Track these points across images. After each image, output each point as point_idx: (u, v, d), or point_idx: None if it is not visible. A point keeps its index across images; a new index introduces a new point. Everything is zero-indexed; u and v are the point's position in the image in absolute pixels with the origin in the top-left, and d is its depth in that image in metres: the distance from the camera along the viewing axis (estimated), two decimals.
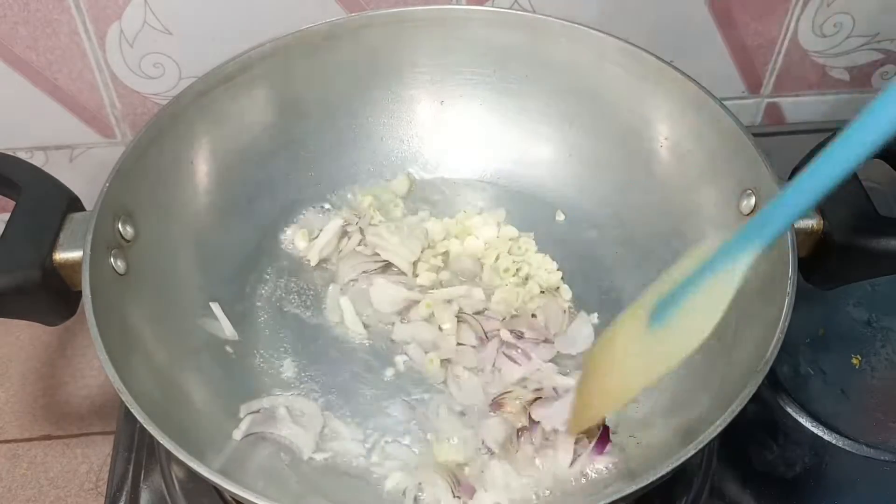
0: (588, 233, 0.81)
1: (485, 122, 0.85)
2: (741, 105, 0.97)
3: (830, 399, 0.75)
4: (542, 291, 0.76)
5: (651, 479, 0.53)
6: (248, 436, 0.66)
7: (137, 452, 0.72)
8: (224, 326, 0.72)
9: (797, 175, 0.47)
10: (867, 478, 0.71)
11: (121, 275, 0.65)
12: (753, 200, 0.69)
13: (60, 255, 0.63)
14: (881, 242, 0.64)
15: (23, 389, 0.86)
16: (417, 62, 0.83)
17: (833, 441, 0.72)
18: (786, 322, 0.58)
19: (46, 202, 0.66)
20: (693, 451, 0.54)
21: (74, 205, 0.67)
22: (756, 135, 0.70)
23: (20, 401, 0.85)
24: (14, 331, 0.90)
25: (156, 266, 0.69)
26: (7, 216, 0.65)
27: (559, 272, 0.77)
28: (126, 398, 0.55)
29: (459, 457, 0.65)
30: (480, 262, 0.78)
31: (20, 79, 0.84)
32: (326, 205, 0.83)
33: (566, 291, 0.76)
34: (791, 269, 0.61)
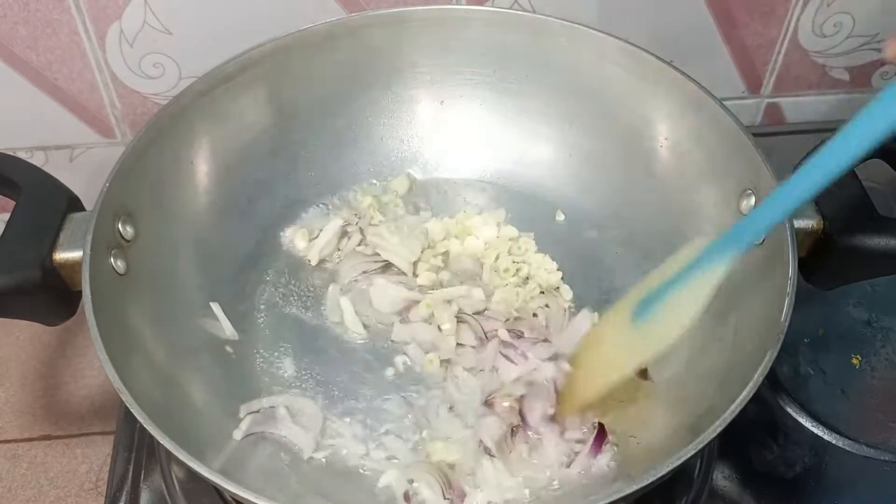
0: (588, 233, 0.81)
1: (485, 122, 0.85)
2: (741, 105, 0.97)
3: (830, 399, 0.75)
4: (542, 291, 0.76)
5: (651, 479, 0.53)
6: (249, 436, 0.66)
7: (137, 452, 0.72)
8: (224, 326, 0.72)
9: (781, 182, 0.49)
10: (867, 478, 0.71)
11: (121, 275, 0.65)
12: (753, 200, 0.69)
13: (60, 255, 0.63)
14: (881, 242, 0.64)
15: (23, 389, 0.86)
16: (417, 62, 0.83)
17: (833, 441, 0.72)
18: (786, 322, 0.58)
19: (46, 202, 0.66)
20: (693, 451, 0.54)
21: (74, 205, 0.67)
22: (756, 135, 0.70)
23: (20, 401, 0.85)
24: (14, 331, 0.90)
25: (156, 266, 0.69)
26: (7, 216, 0.65)
27: (559, 272, 0.77)
28: (126, 398, 0.55)
29: (454, 456, 0.65)
30: (480, 263, 0.78)
31: (20, 79, 0.84)
32: (327, 205, 0.83)
33: (566, 291, 0.76)
34: (791, 270, 0.61)
